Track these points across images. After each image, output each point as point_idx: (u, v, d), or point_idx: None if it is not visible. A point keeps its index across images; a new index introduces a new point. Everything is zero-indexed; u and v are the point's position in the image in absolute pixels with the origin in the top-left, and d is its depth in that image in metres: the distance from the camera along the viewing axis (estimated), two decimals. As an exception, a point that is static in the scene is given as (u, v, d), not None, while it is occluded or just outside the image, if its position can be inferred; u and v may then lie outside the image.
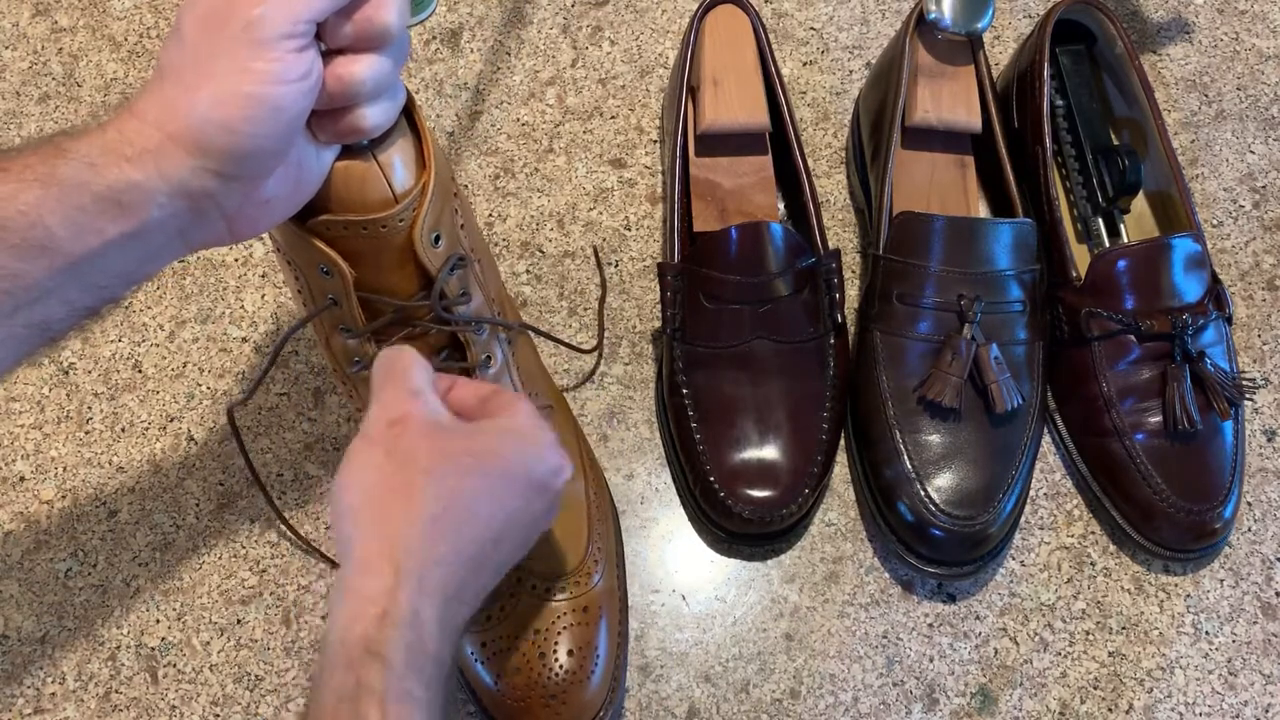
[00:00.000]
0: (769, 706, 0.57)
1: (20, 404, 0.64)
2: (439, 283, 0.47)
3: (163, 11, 0.78)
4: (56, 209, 0.36)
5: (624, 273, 0.69)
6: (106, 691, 0.57)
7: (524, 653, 0.52)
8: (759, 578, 0.60)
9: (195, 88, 0.37)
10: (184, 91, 0.37)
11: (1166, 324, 0.60)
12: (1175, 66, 0.78)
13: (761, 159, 0.67)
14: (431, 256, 0.46)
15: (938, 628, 0.59)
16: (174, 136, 0.37)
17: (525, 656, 0.52)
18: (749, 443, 0.59)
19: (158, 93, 0.38)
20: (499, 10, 0.78)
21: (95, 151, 0.36)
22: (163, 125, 0.37)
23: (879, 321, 0.62)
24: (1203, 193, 0.73)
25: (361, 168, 0.44)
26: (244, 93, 0.37)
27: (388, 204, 0.45)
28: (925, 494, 0.57)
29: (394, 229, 0.45)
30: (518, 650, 0.52)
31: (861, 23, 0.79)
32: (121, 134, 0.37)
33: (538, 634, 0.52)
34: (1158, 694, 0.58)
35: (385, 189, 0.45)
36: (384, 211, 0.45)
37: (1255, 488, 0.63)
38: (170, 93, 0.37)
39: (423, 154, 0.46)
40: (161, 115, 0.37)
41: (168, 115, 0.37)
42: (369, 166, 0.44)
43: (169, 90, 0.37)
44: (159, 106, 0.37)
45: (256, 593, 0.59)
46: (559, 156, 0.73)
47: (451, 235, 0.48)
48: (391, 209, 0.45)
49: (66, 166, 0.36)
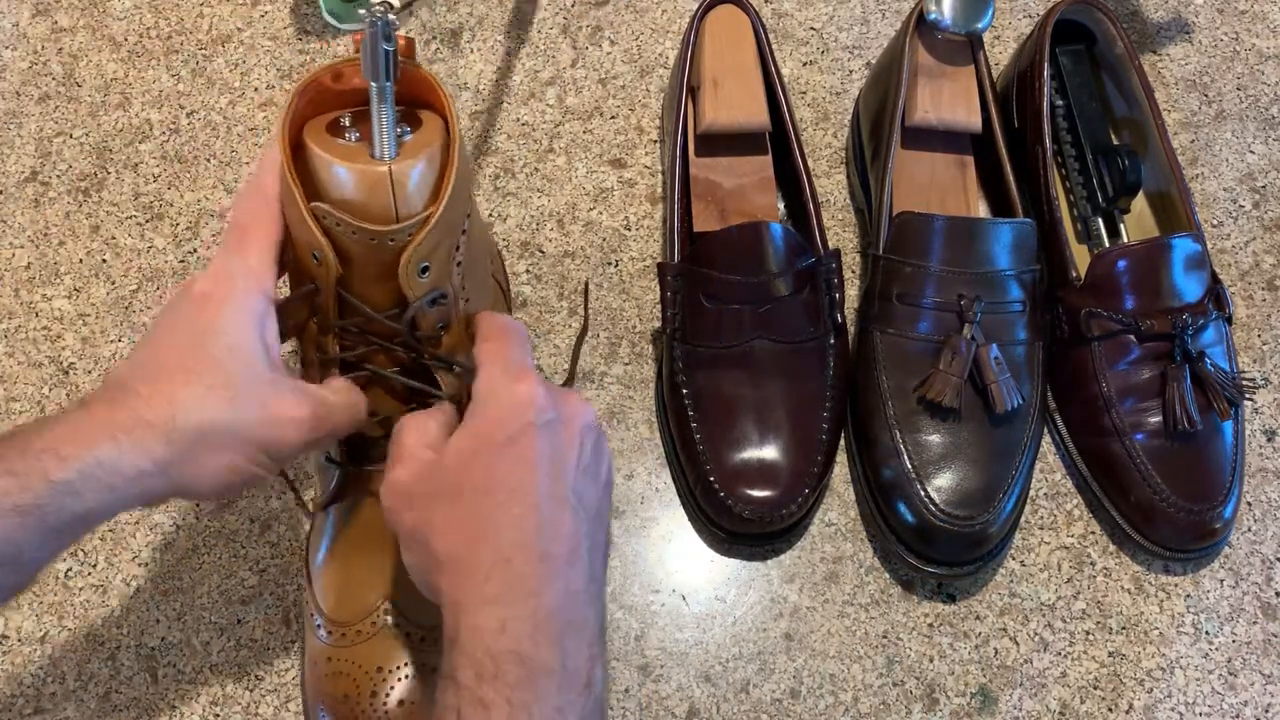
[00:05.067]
0: (769, 706, 0.57)
1: (20, 404, 0.64)
2: (412, 309, 0.46)
3: (163, 11, 0.78)
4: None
5: (624, 273, 0.69)
6: (106, 691, 0.57)
7: (358, 682, 0.50)
8: (759, 578, 0.60)
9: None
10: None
11: (1166, 324, 0.60)
12: (1175, 66, 0.78)
13: (761, 159, 0.67)
14: (414, 284, 0.46)
15: (938, 628, 0.59)
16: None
17: (358, 685, 0.50)
18: (749, 443, 0.58)
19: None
20: (499, 10, 0.78)
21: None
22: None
23: (879, 321, 0.62)
24: (1203, 193, 0.73)
25: (375, 176, 0.44)
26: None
27: (388, 219, 0.45)
28: (925, 494, 0.57)
29: (383, 246, 0.45)
30: (353, 677, 0.50)
31: (861, 23, 0.79)
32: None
33: (379, 671, 0.50)
34: (1158, 694, 0.58)
35: (389, 205, 0.45)
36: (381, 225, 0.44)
37: (1255, 488, 0.63)
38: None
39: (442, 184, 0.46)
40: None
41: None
42: (382, 178, 0.44)
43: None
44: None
45: (256, 593, 0.59)
46: (559, 156, 0.73)
47: (442, 270, 0.47)
48: (389, 226, 0.44)
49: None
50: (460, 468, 0.42)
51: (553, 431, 0.42)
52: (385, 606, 0.51)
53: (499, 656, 0.38)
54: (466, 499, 0.41)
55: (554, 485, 0.42)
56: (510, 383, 0.43)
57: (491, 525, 0.40)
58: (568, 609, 0.40)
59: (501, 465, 0.41)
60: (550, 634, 0.39)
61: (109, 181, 0.71)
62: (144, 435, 0.40)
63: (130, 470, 0.39)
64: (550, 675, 0.38)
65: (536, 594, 0.39)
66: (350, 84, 0.48)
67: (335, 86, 0.48)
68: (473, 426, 0.43)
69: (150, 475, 0.40)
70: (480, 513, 0.41)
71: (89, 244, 0.69)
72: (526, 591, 0.39)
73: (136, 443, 0.39)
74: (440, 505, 0.41)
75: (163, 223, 0.70)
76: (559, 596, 0.40)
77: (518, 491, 0.41)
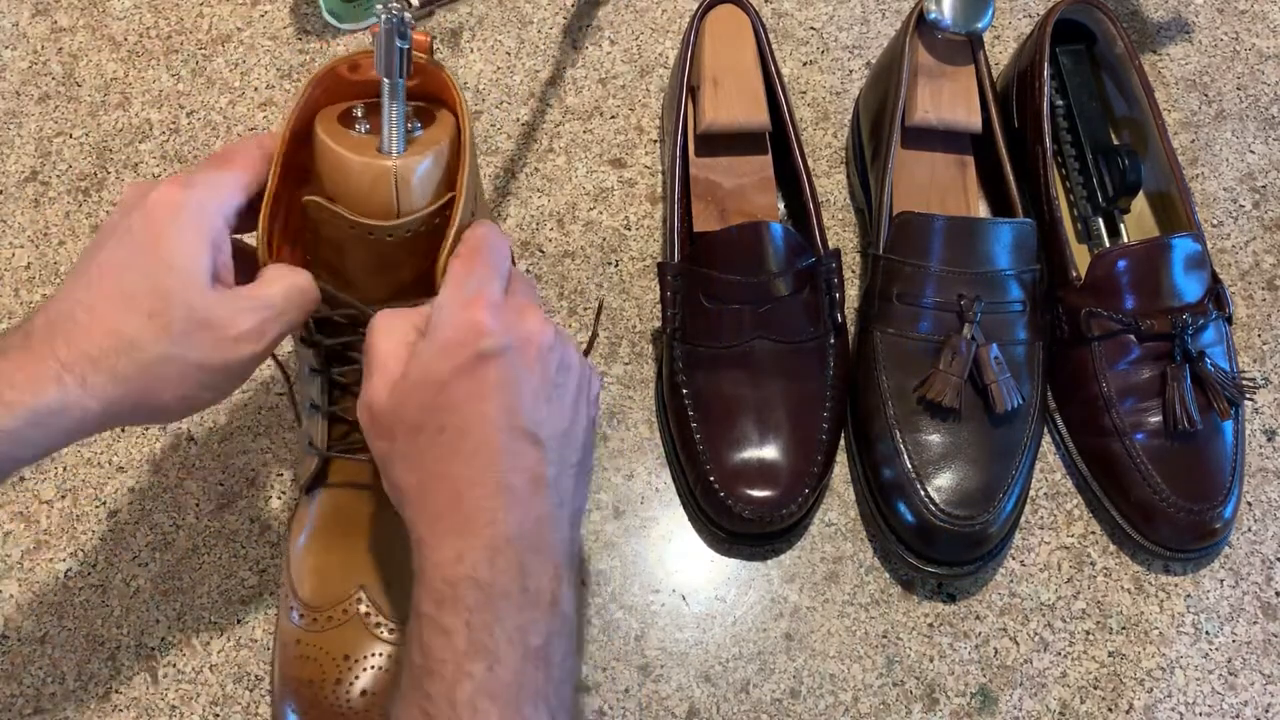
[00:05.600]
0: (769, 706, 0.57)
1: (20, 404, 0.64)
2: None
3: (163, 11, 0.78)
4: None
5: (624, 273, 0.69)
6: (106, 691, 0.57)
7: (324, 668, 0.50)
8: (759, 578, 0.60)
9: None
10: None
11: (1166, 324, 0.60)
12: (1175, 66, 0.78)
13: (761, 159, 0.67)
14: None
15: (938, 628, 0.59)
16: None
17: (323, 672, 0.50)
18: (749, 443, 0.58)
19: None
20: (499, 10, 0.78)
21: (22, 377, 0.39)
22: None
23: (879, 321, 0.62)
24: (1203, 193, 0.73)
25: (379, 170, 0.44)
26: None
27: (389, 214, 0.45)
28: (925, 494, 0.57)
29: (381, 240, 0.45)
30: (320, 663, 0.50)
31: (861, 23, 0.79)
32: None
33: (346, 659, 0.50)
34: (1158, 694, 0.58)
35: (391, 200, 0.44)
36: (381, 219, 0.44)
37: (1255, 488, 0.63)
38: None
39: (450, 178, 0.46)
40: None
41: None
42: (386, 173, 0.44)
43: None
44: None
45: (256, 593, 0.59)
46: (559, 156, 0.73)
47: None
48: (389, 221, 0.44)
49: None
50: (413, 401, 0.40)
51: (506, 359, 0.40)
52: (359, 595, 0.51)
53: (456, 583, 0.38)
54: (422, 434, 0.40)
55: (510, 416, 0.40)
56: (459, 309, 0.41)
57: (446, 462, 0.40)
58: (529, 534, 0.39)
59: (453, 398, 0.40)
60: (509, 558, 0.38)
61: (109, 181, 0.71)
62: (88, 373, 0.39)
63: (77, 412, 0.39)
64: (508, 598, 0.38)
65: (493, 524, 0.39)
66: (367, 75, 0.47)
67: (352, 77, 0.48)
68: (423, 358, 0.41)
69: (97, 416, 0.40)
70: (435, 449, 0.40)
71: (89, 244, 0.69)
72: (482, 523, 0.39)
73: (80, 383, 0.39)
74: (400, 437, 0.41)
75: (163, 223, 0.70)
76: (518, 524, 0.39)
77: (471, 425, 0.40)
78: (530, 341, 0.41)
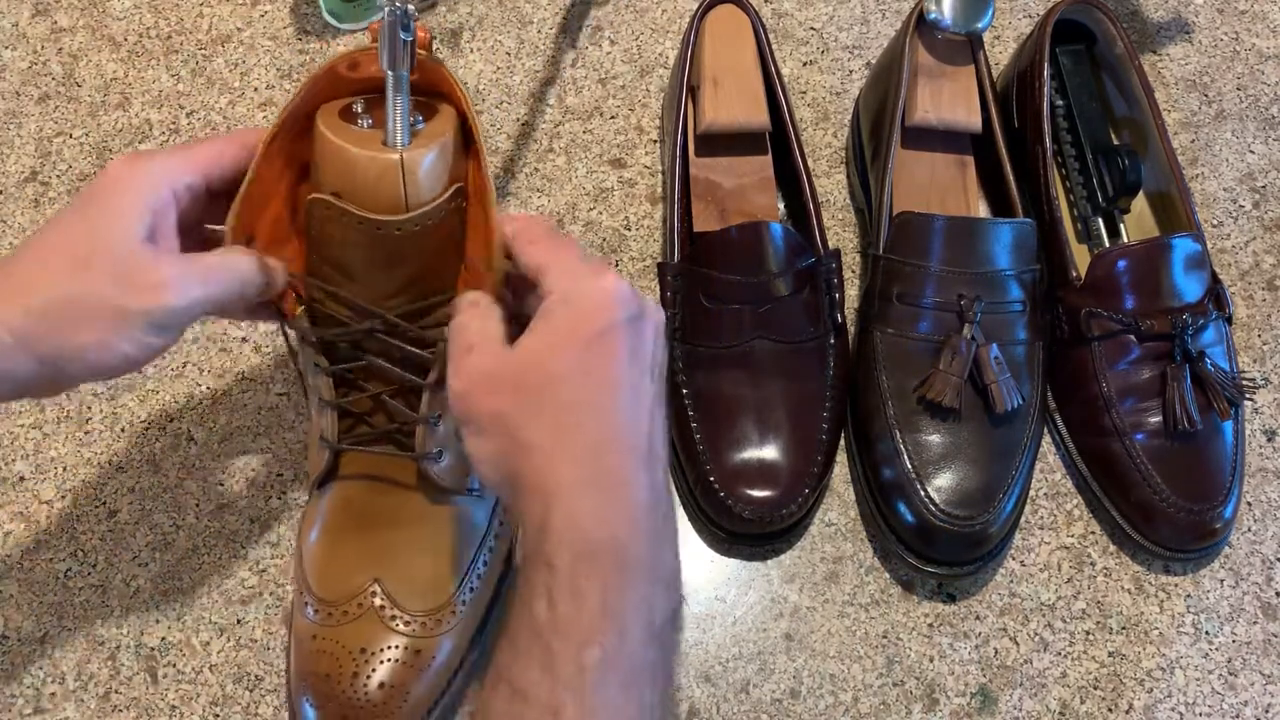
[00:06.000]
0: (769, 706, 0.57)
1: (20, 404, 0.64)
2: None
3: (163, 11, 0.78)
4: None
5: (624, 273, 0.69)
6: (106, 691, 0.57)
7: (340, 661, 0.50)
8: (759, 578, 0.60)
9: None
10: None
11: (1166, 324, 0.60)
12: (1175, 66, 0.78)
13: (761, 159, 0.67)
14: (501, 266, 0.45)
15: (938, 628, 0.59)
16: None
17: (340, 665, 0.50)
18: (749, 443, 0.58)
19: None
20: (499, 10, 0.78)
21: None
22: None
23: (879, 321, 0.62)
24: (1203, 193, 0.73)
25: (385, 163, 0.44)
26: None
27: (397, 207, 0.45)
28: (925, 494, 0.57)
29: (389, 235, 0.45)
30: (336, 656, 0.50)
31: (861, 23, 0.79)
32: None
33: (363, 653, 0.50)
34: (1158, 694, 0.58)
35: (399, 192, 0.44)
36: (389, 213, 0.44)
37: (1255, 488, 0.63)
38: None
39: (455, 171, 0.46)
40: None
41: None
42: (393, 165, 0.44)
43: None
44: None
45: (256, 593, 0.59)
46: (559, 156, 0.73)
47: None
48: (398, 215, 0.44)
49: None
50: (545, 360, 0.41)
51: (636, 328, 0.42)
52: (373, 589, 0.51)
53: (597, 544, 0.38)
54: (555, 389, 0.40)
55: (638, 381, 0.41)
56: (593, 277, 0.42)
57: (581, 415, 0.40)
58: (656, 504, 0.40)
59: (590, 358, 0.41)
60: (644, 528, 0.39)
61: (109, 181, 0.71)
62: (1, 306, 0.40)
63: None
64: (640, 568, 0.38)
65: (628, 484, 0.39)
66: (365, 73, 0.48)
67: (351, 75, 0.48)
68: (556, 322, 0.41)
69: (13, 350, 0.40)
70: (570, 402, 0.40)
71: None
72: (618, 480, 0.39)
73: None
74: (526, 393, 0.41)
75: (163, 223, 0.70)
76: (646, 490, 0.40)
77: (606, 385, 0.41)
78: (651, 316, 0.43)
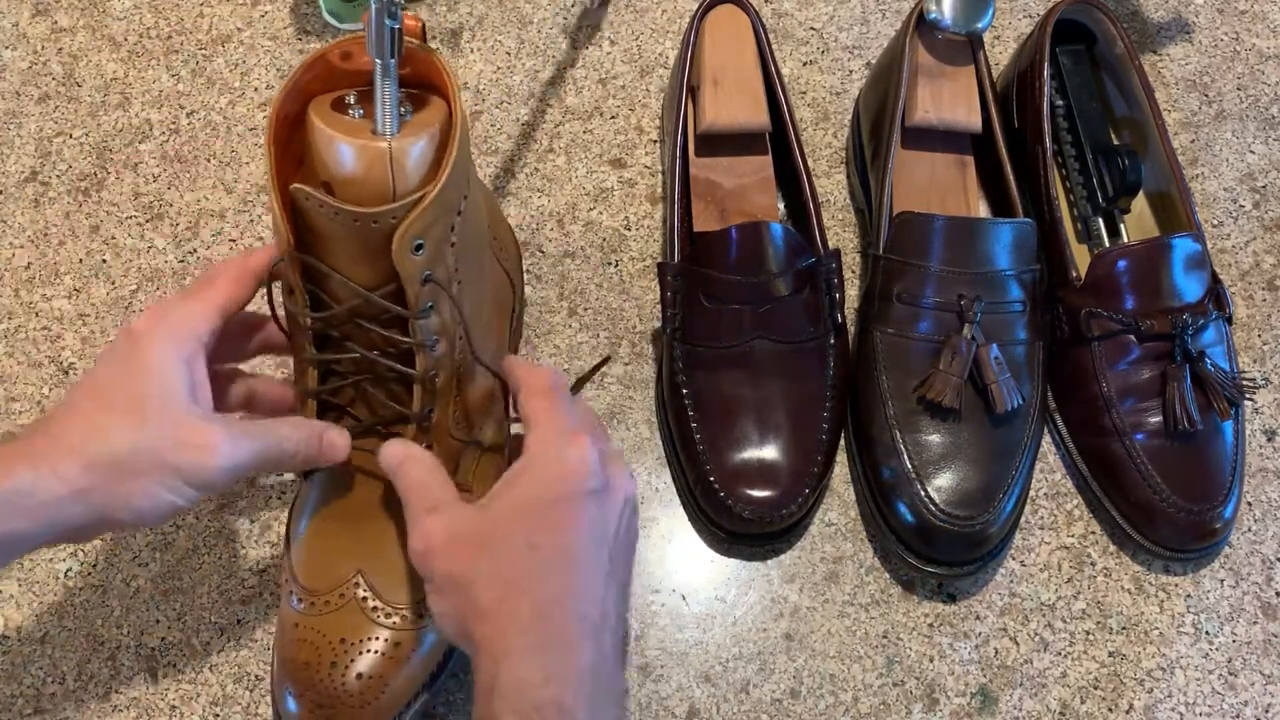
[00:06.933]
0: (769, 706, 0.57)
1: (20, 404, 0.64)
2: (410, 285, 0.46)
3: (162, 11, 0.78)
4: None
5: (624, 273, 0.69)
6: (106, 691, 0.57)
7: (320, 651, 0.50)
8: (759, 578, 0.60)
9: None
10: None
11: (1166, 324, 0.60)
12: (1175, 66, 0.78)
13: (761, 159, 0.67)
14: (406, 262, 0.46)
15: (938, 628, 0.59)
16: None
17: (320, 654, 0.50)
18: (749, 443, 0.58)
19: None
20: (499, 10, 0.78)
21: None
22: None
23: (879, 321, 0.62)
24: (1203, 193, 0.73)
25: (375, 151, 0.44)
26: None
27: (385, 196, 0.45)
28: (925, 494, 0.57)
29: (367, 227, 0.45)
30: (316, 646, 0.50)
31: (861, 23, 0.79)
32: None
33: (342, 643, 0.50)
34: (1158, 694, 0.58)
35: (387, 181, 0.45)
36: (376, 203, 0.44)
37: (1255, 488, 0.63)
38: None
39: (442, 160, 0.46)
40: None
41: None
42: (382, 154, 0.44)
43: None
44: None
45: (256, 593, 0.59)
46: (559, 156, 0.73)
47: (436, 250, 0.47)
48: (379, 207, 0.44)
49: None
50: (501, 524, 0.43)
51: (600, 499, 0.44)
52: (356, 580, 0.51)
53: (543, 707, 0.39)
54: (511, 551, 0.42)
55: (595, 551, 0.44)
56: (564, 445, 0.45)
57: (534, 579, 0.42)
58: (601, 671, 0.41)
59: (550, 523, 0.43)
60: (587, 691, 0.40)
61: (109, 181, 0.71)
62: (60, 461, 0.41)
63: (47, 496, 0.41)
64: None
65: (575, 650, 0.41)
66: (358, 64, 0.48)
67: (343, 65, 0.48)
68: (524, 484, 0.44)
69: (68, 502, 0.41)
70: (524, 565, 0.42)
71: (89, 244, 0.69)
72: (565, 645, 0.41)
73: (53, 469, 0.41)
74: (480, 557, 0.43)
75: (162, 223, 0.70)
76: (593, 656, 0.41)
77: (562, 551, 0.43)
78: (619, 489, 0.46)
